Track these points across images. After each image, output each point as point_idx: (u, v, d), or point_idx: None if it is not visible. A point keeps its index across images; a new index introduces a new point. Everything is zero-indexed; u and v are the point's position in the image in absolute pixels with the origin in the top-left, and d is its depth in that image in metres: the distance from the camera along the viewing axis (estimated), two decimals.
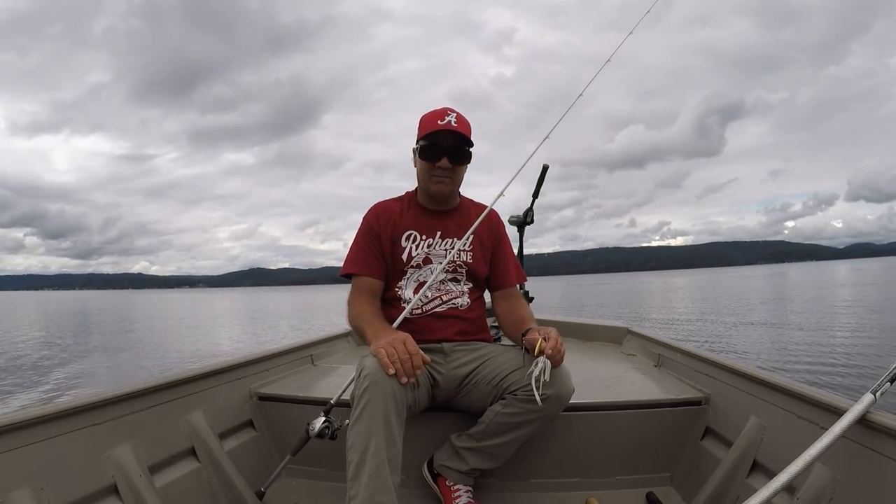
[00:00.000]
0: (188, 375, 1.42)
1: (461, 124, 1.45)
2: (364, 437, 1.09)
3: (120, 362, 9.99)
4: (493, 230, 1.58)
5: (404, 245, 1.49)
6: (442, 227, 1.51)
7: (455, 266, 1.49)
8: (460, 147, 1.45)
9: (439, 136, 1.43)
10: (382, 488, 1.06)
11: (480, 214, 1.53)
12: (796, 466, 0.86)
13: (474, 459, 1.33)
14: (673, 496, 1.43)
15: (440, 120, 1.43)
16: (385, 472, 1.07)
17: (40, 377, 8.15)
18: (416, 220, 1.52)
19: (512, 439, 1.31)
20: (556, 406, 1.26)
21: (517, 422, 1.28)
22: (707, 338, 10.32)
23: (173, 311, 32.47)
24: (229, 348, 12.00)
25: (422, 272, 1.48)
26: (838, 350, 8.15)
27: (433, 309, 1.46)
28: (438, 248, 1.50)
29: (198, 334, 15.96)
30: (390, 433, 1.10)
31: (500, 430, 1.30)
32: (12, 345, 13.10)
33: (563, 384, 1.26)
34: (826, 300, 19.23)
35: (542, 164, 2.86)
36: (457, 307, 1.48)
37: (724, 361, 1.49)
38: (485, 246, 1.54)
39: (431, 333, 1.43)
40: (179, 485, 1.27)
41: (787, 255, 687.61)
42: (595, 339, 2.62)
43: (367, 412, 1.10)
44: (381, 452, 1.07)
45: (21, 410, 1.02)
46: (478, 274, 1.52)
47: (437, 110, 1.47)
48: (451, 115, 1.44)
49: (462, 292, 1.50)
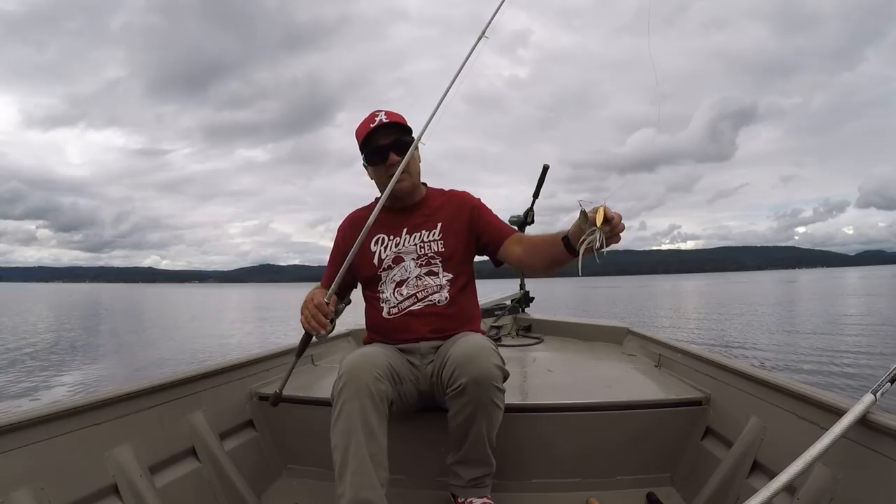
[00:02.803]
0: (188, 375, 1.42)
1: (391, 116, 1.45)
2: (345, 436, 1.12)
3: (133, 360, 10.00)
4: (461, 209, 1.52)
5: (374, 249, 1.49)
6: (408, 223, 1.50)
7: (428, 258, 1.46)
8: (401, 138, 1.44)
9: (376, 137, 1.43)
10: (366, 484, 1.09)
11: (447, 200, 1.53)
12: (796, 466, 0.86)
13: (465, 471, 1.30)
14: (673, 496, 1.43)
15: (371, 123, 1.44)
16: (368, 468, 1.10)
17: (53, 374, 8.14)
18: (382, 222, 1.49)
19: (475, 440, 1.25)
20: (476, 390, 1.17)
21: (460, 422, 1.22)
22: (713, 339, 10.32)
23: (184, 307, 32.46)
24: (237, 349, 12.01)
25: (395, 272, 1.46)
26: (838, 350, 8.15)
27: (408, 307, 1.43)
28: (408, 245, 1.47)
29: (213, 333, 15.84)
30: (370, 430, 1.13)
31: (459, 435, 1.26)
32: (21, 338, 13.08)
33: (480, 367, 1.18)
34: (832, 304, 19.17)
35: (542, 164, 2.85)
36: (434, 303, 1.43)
37: (724, 361, 1.49)
38: (456, 229, 1.49)
39: (409, 332, 1.42)
40: (180, 485, 1.27)
41: (797, 261, 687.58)
42: (595, 340, 2.62)
43: (345, 411, 1.14)
44: (361, 449, 1.10)
45: (21, 410, 1.02)
46: (456, 260, 1.47)
47: (366, 118, 1.48)
48: (381, 114, 1.45)
49: (440, 286, 1.44)
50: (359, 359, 1.22)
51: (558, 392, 1.66)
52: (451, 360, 1.22)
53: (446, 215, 1.50)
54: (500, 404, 1.22)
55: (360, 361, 1.21)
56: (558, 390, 1.69)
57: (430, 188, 1.59)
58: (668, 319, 15.68)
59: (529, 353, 2.35)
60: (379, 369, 1.20)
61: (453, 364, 1.20)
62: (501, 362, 1.25)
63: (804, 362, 7.47)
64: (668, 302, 25.90)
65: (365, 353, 1.27)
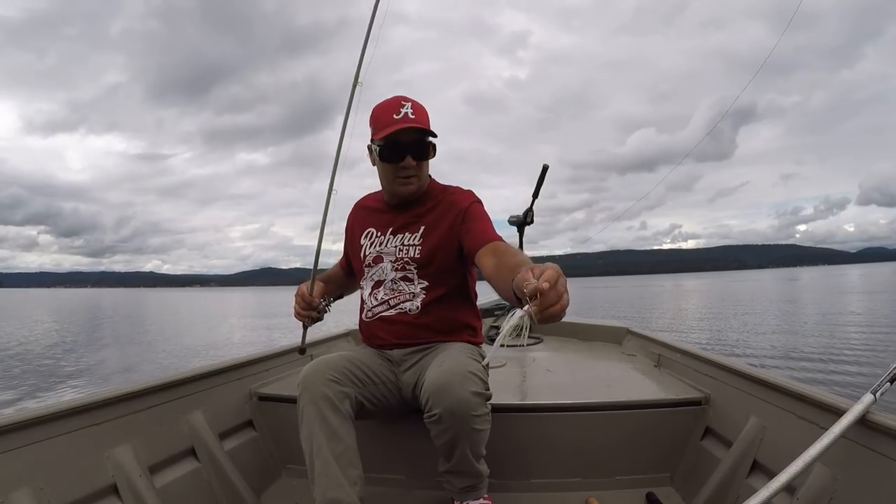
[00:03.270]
0: (188, 375, 1.42)
1: (419, 114, 1.30)
2: (308, 441, 1.15)
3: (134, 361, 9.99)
4: (449, 212, 1.36)
5: (362, 243, 1.45)
6: (394, 223, 1.41)
7: (403, 263, 1.37)
8: (422, 141, 1.32)
9: (398, 134, 1.29)
10: (332, 484, 1.10)
11: (440, 201, 1.39)
12: (796, 466, 0.86)
13: (456, 480, 1.25)
14: (673, 496, 1.43)
15: (395, 114, 1.29)
16: (332, 469, 1.11)
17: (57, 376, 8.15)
18: (377, 215, 1.45)
19: (460, 458, 1.16)
20: (451, 420, 1.08)
21: (441, 443, 1.14)
22: (713, 338, 10.31)
23: (185, 310, 32.45)
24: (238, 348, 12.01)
25: (374, 271, 1.42)
26: (838, 350, 8.14)
27: (380, 313, 1.39)
28: (388, 246, 1.40)
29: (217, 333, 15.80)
30: (330, 431, 1.14)
31: (444, 453, 1.18)
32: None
33: (454, 397, 1.07)
34: (831, 303, 19.13)
35: (542, 164, 2.84)
36: (405, 311, 1.36)
37: (724, 361, 1.49)
38: (438, 234, 1.36)
39: (379, 338, 1.40)
40: (179, 485, 1.27)
41: (798, 259, 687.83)
42: (595, 340, 2.62)
43: (305, 417, 1.17)
44: (323, 450, 1.12)
45: (21, 410, 1.02)
46: (433, 268, 1.36)
47: (389, 101, 1.33)
48: (407, 107, 1.30)
49: (413, 294, 1.36)
50: (315, 365, 1.25)
51: (558, 392, 1.65)
52: (425, 386, 1.13)
53: (432, 219, 1.38)
54: (481, 427, 1.13)
55: (316, 367, 1.24)
56: (558, 390, 1.69)
57: (432, 182, 1.45)
58: (663, 320, 15.64)
59: (529, 353, 2.35)
60: (334, 372, 1.22)
61: (427, 392, 1.11)
62: (482, 386, 1.14)
63: (805, 359, 7.48)
64: (668, 301, 25.87)
65: (321, 360, 1.29)
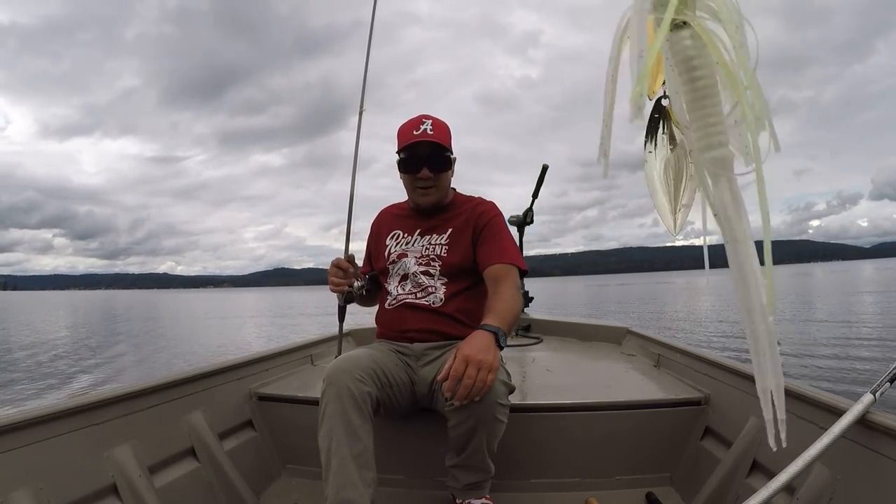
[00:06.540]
0: (188, 375, 1.42)
1: (437, 131, 1.43)
2: (327, 438, 1.14)
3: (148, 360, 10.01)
4: (473, 221, 1.48)
5: (387, 244, 1.55)
6: (422, 225, 1.53)
7: (428, 259, 1.47)
8: (439, 155, 1.44)
9: (416, 147, 1.42)
10: (347, 485, 1.10)
11: (466, 209, 1.51)
12: (796, 466, 0.86)
13: (463, 475, 1.29)
14: (672, 496, 1.43)
15: (415, 130, 1.42)
16: (349, 469, 1.11)
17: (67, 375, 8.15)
18: (404, 220, 1.57)
19: (474, 450, 1.21)
20: (477, 406, 1.11)
21: (460, 433, 1.18)
22: (711, 338, 10.31)
23: (200, 311, 32.48)
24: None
25: (399, 266, 1.50)
26: (838, 350, 8.14)
27: (405, 300, 1.46)
28: (416, 245, 1.50)
29: None
30: (352, 430, 1.14)
31: (459, 445, 1.22)
32: None
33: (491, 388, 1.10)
34: (835, 302, 19.02)
35: (542, 164, 2.84)
36: (429, 303, 1.44)
37: (723, 361, 1.49)
38: (462, 239, 1.47)
39: (404, 324, 1.44)
40: (179, 485, 1.27)
41: (812, 255, 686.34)
42: (594, 339, 2.62)
43: (328, 413, 1.16)
44: (342, 450, 1.12)
45: (21, 410, 1.02)
46: (454, 269, 1.45)
47: (412, 120, 1.46)
48: (427, 123, 1.43)
49: (435, 287, 1.45)
50: (341, 362, 1.25)
51: (557, 392, 1.65)
52: None
53: (458, 224, 1.50)
54: (503, 419, 1.18)
55: (342, 365, 1.23)
56: (557, 390, 1.69)
57: (457, 194, 1.59)
58: (677, 321, 15.52)
59: (528, 352, 2.35)
60: (361, 371, 1.22)
61: None
62: (507, 377, 1.22)
63: (807, 356, 7.48)
64: (681, 300, 25.62)
65: (348, 357, 1.28)
